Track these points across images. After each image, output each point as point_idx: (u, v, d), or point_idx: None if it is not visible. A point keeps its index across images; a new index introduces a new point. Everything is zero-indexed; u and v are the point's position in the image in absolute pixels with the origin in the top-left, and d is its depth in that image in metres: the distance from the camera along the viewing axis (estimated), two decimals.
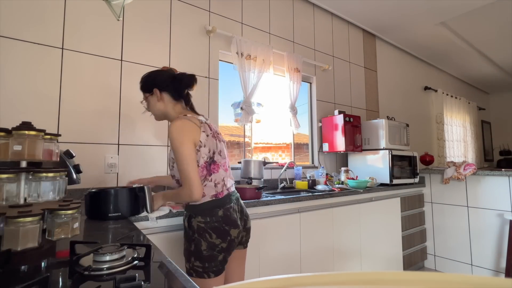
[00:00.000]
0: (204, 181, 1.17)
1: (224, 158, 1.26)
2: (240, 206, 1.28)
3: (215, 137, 1.24)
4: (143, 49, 1.87)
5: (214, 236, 1.13)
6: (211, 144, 1.19)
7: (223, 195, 1.19)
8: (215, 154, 1.20)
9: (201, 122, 1.20)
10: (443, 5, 2.99)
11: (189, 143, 1.12)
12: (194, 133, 1.15)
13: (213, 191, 1.17)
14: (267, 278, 0.23)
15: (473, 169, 2.61)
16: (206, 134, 1.18)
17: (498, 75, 5.34)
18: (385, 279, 0.22)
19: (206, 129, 1.20)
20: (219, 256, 1.13)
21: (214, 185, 1.18)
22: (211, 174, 1.18)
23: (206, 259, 1.11)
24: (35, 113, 1.49)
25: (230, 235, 1.16)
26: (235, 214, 1.20)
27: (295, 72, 2.59)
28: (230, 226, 1.16)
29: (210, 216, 1.14)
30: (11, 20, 1.46)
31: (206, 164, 1.17)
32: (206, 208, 1.15)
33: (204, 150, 1.16)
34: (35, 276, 0.59)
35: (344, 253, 2.11)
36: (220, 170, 1.21)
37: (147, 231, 1.25)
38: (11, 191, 0.71)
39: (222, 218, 1.15)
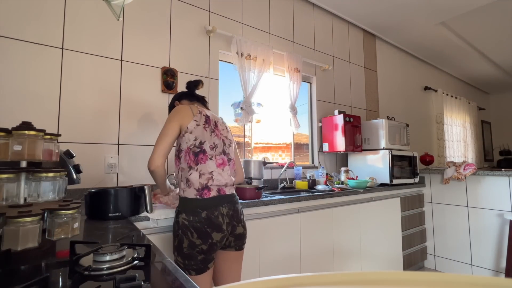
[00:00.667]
0: (190, 170, 1.19)
1: (220, 155, 1.27)
2: (233, 211, 1.25)
3: (211, 131, 1.27)
4: (143, 49, 1.87)
5: (195, 236, 1.14)
6: (200, 134, 1.23)
7: (209, 195, 1.19)
8: (203, 144, 1.22)
9: (199, 112, 1.26)
10: (443, 5, 2.99)
11: (174, 123, 1.21)
12: (184, 117, 1.22)
13: (197, 183, 1.18)
14: (267, 278, 0.23)
15: (473, 169, 2.61)
16: (197, 123, 1.23)
17: (498, 75, 5.34)
18: (385, 279, 0.22)
19: (199, 120, 1.24)
20: (199, 256, 1.14)
21: (199, 175, 1.19)
22: (198, 164, 1.20)
23: (186, 257, 1.14)
24: (35, 113, 1.49)
25: (211, 238, 1.16)
26: (220, 218, 1.18)
27: (295, 72, 2.59)
28: (212, 229, 1.16)
29: (193, 216, 1.15)
30: (11, 20, 1.46)
31: (190, 150, 1.20)
32: (190, 206, 1.17)
33: (189, 136, 1.21)
34: (35, 276, 0.59)
35: (344, 253, 2.11)
36: (208, 162, 1.22)
37: (147, 231, 1.25)
38: (11, 191, 0.71)
39: (204, 219, 1.15)
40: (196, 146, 1.21)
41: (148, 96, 1.87)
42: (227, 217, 1.22)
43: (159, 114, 1.91)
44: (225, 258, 1.28)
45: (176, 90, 1.97)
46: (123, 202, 1.20)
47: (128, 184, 1.70)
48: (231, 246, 1.27)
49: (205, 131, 1.24)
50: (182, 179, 1.22)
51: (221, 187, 1.24)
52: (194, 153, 1.21)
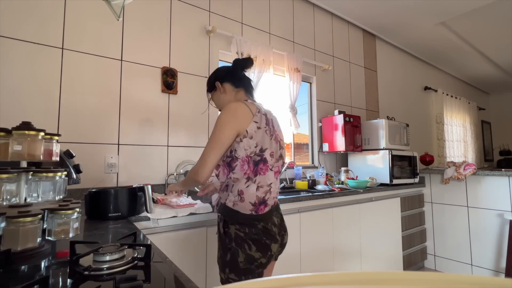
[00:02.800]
0: (247, 181, 1.04)
1: (277, 162, 1.13)
2: (280, 219, 1.16)
3: (271, 134, 1.10)
4: (143, 49, 1.87)
5: (254, 249, 1.01)
6: (261, 138, 1.06)
7: (264, 211, 1.06)
8: (264, 152, 1.06)
9: (258, 111, 1.09)
10: (443, 5, 2.99)
11: (231, 129, 1.02)
12: (243, 120, 1.04)
13: (254, 197, 1.04)
14: (267, 278, 0.23)
15: (473, 169, 2.61)
16: (257, 126, 1.06)
17: (498, 75, 5.34)
18: (385, 279, 0.22)
19: (260, 121, 1.07)
20: (257, 270, 1.01)
21: (256, 189, 1.05)
22: (257, 175, 1.05)
23: (242, 273, 1.00)
24: (35, 113, 1.49)
25: (271, 250, 1.04)
26: (274, 228, 1.08)
27: (295, 72, 2.59)
28: (271, 241, 1.05)
29: (249, 227, 1.02)
30: (11, 20, 1.46)
31: (250, 159, 1.04)
32: (245, 219, 1.03)
33: (249, 142, 1.03)
34: (35, 276, 0.59)
35: (344, 253, 2.11)
36: (268, 174, 1.08)
37: (147, 231, 1.25)
38: (11, 191, 0.71)
39: (262, 231, 1.03)
40: (256, 154, 1.05)
41: (148, 96, 1.87)
42: (277, 227, 1.11)
43: (159, 114, 1.91)
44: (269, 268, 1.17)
45: (176, 90, 1.97)
46: (123, 202, 1.20)
47: (128, 184, 1.70)
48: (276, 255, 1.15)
49: (265, 135, 1.07)
50: (232, 190, 1.06)
51: (275, 198, 1.13)
52: (254, 162, 1.05)
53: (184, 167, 1.91)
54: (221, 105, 1.22)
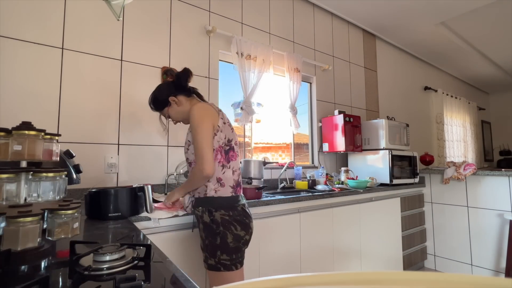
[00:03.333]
0: (223, 168, 1.20)
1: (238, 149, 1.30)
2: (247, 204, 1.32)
3: (231, 127, 1.29)
4: (143, 49, 1.87)
5: (239, 228, 1.17)
6: (228, 132, 1.24)
7: (240, 192, 1.26)
8: (231, 141, 1.25)
9: (219, 110, 1.27)
10: (443, 5, 2.99)
11: (208, 123, 1.17)
12: (213, 116, 1.21)
13: (231, 180, 1.21)
14: (267, 278, 0.23)
15: (473, 169, 2.61)
16: (223, 121, 1.24)
17: (498, 75, 5.34)
18: (385, 279, 0.22)
19: (223, 117, 1.26)
20: (243, 248, 1.19)
21: (232, 172, 1.22)
22: (230, 161, 1.22)
23: (233, 251, 1.15)
24: (35, 113, 1.49)
25: (251, 228, 1.22)
26: (247, 209, 1.25)
27: (295, 72, 2.59)
28: (249, 220, 1.22)
29: (232, 210, 1.18)
30: (11, 20, 1.46)
31: (222, 149, 1.21)
32: (227, 202, 1.19)
33: (221, 135, 1.21)
34: (35, 276, 0.59)
35: (344, 253, 2.11)
36: (238, 159, 1.27)
37: (147, 231, 1.25)
38: (11, 191, 0.71)
39: (242, 212, 1.20)
40: (226, 144, 1.23)
41: (148, 96, 1.87)
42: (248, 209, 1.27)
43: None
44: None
45: None
46: (123, 202, 1.20)
47: (128, 184, 1.70)
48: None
49: (229, 128, 1.26)
50: (211, 180, 1.20)
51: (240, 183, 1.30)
52: (225, 151, 1.22)
53: (184, 167, 1.91)
54: (181, 116, 1.33)
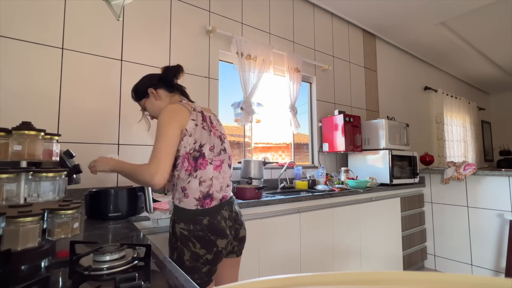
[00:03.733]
0: (188, 177, 1.04)
1: (218, 155, 1.12)
2: (235, 213, 1.15)
3: (209, 130, 1.12)
4: (143, 49, 1.87)
5: (198, 246, 1.01)
6: (200, 135, 1.07)
7: (210, 205, 1.06)
8: (203, 147, 1.07)
9: (193, 109, 1.10)
10: (443, 5, 2.99)
11: (175, 125, 1.03)
12: (182, 118, 1.05)
13: (197, 192, 1.04)
14: (267, 278, 0.23)
15: (473, 169, 2.61)
16: (195, 123, 1.07)
17: (498, 75, 5.34)
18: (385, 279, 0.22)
19: (197, 118, 1.09)
20: (203, 268, 1.01)
21: (199, 183, 1.05)
22: (197, 170, 1.05)
23: (188, 271, 0.99)
24: (35, 113, 1.49)
25: (216, 246, 1.03)
26: (223, 222, 1.06)
27: (295, 72, 2.59)
28: (216, 236, 1.03)
29: (194, 224, 1.02)
30: (11, 20, 1.46)
31: (189, 155, 1.05)
32: (189, 214, 1.03)
33: (189, 139, 1.04)
34: (35, 276, 0.59)
35: (344, 253, 2.11)
36: (208, 168, 1.07)
37: (147, 231, 1.25)
38: (11, 191, 0.71)
39: (207, 226, 1.02)
40: (196, 150, 1.06)
41: None
42: (230, 220, 1.10)
43: None
44: (226, 265, 1.16)
45: None
46: (123, 202, 1.20)
47: (128, 184, 1.70)
48: (234, 252, 1.16)
49: (204, 131, 1.09)
50: (177, 188, 1.07)
51: (223, 193, 1.12)
52: (194, 158, 1.05)
53: None
54: (157, 112, 1.18)
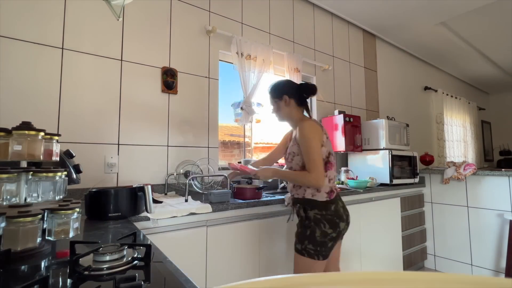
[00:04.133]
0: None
1: (335, 160, 1.48)
2: (343, 203, 1.47)
3: (330, 142, 1.47)
4: (143, 49, 1.87)
5: (328, 226, 1.35)
6: (329, 146, 1.44)
7: (333, 196, 1.41)
8: (330, 154, 1.44)
9: (321, 126, 1.45)
10: (443, 5, 2.99)
11: (318, 140, 1.38)
12: (320, 134, 1.40)
13: (328, 187, 1.40)
14: (267, 278, 0.23)
15: (473, 169, 2.61)
16: (326, 136, 1.43)
17: (498, 75, 5.34)
18: (385, 279, 0.22)
19: (326, 133, 1.45)
20: (329, 243, 1.35)
21: (329, 180, 1.41)
22: (327, 171, 1.41)
23: (318, 244, 1.34)
24: (35, 113, 1.49)
25: (339, 227, 1.37)
26: (341, 210, 1.41)
27: (295, 72, 2.59)
28: (339, 220, 1.38)
29: (325, 210, 1.37)
30: (11, 20, 1.46)
31: (323, 161, 1.39)
32: (321, 204, 1.38)
33: (323, 149, 1.40)
34: (35, 276, 0.59)
35: (344, 253, 2.10)
36: (332, 169, 1.44)
37: (147, 231, 1.25)
38: (11, 191, 0.71)
39: (334, 212, 1.37)
40: (326, 157, 1.41)
41: (148, 96, 1.87)
42: (343, 209, 1.43)
43: (159, 114, 1.91)
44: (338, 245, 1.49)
45: (176, 90, 1.97)
46: (123, 202, 1.20)
47: (128, 184, 1.70)
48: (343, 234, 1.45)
49: (329, 143, 1.45)
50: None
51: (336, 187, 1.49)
52: (325, 163, 1.40)
53: (184, 167, 1.91)
54: (284, 116, 1.52)
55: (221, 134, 2.29)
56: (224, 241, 1.51)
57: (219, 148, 2.24)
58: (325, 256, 1.35)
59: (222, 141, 2.34)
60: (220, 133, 2.26)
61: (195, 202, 1.56)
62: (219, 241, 1.49)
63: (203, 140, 2.09)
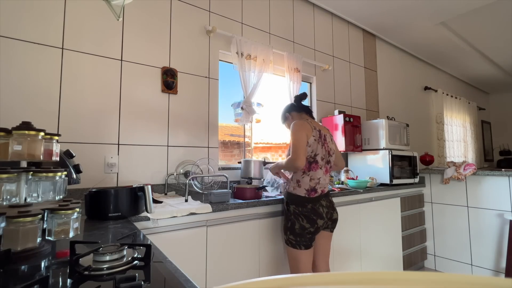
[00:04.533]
0: (303, 174, 1.56)
1: (326, 164, 1.61)
2: (329, 202, 1.63)
3: (322, 144, 1.59)
4: (143, 49, 1.87)
5: (305, 221, 1.52)
6: (315, 147, 1.55)
7: (313, 195, 1.55)
8: (317, 156, 1.56)
9: (314, 128, 1.59)
10: (443, 5, 2.99)
11: (303, 133, 1.53)
12: (307, 131, 1.55)
13: (307, 185, 1.55)
14: (267, 278, 0.23)
15: (473, 169, 2.61)
16: (314, 138, 1.56)
17: (498, 75, 5.34)
18: (385, 279, 0.22)
19: (315, 134, 1.57)
20: (308, 236, 1.52)
21: (309, 180, 1.55)
22: (310, 171, 1.55)
23: (297, 235, 1.52)
24: (35, 113, 1.49)
25: (317, 223, 1.54)
26: (321, 209, 1.56)
27: (295, 72, 2.59)
28: (317, 217, 1.54)
29: (302, 207, 1.54)
30: (11, 20, 1.46)
31: (306, 160, 1.53)
32: (300, 201, 1.55)
33: (308, 149, 1.54)
34: (35, 276, 0.59)
35: (344, 253, 2.11)
36: (318, 171, 1.57)
37: (147, 231, 1.25)
38: (11, 191, 0.71)
39: (310, 210, 1.53)
40: (311, 157, 1.55)
41: (148, 96, 1.87)
42: (326, 208, 1.59)
43: (159, 114, 1.91)
44: (322, 236, 1.65)
45: (176, 90, 1.97)
46: (123, 202, 1.20)
47: (128, 184, 1.71)
48: (328, 228, 1.64)
49: (318, 145, 1.56)
50: (293, 179, 1.60)
51: (323, 188, 1.61)
52: (309, 162, 1.55)
53: (184, 167, 1.91)
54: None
55: (221, 134, 2.29)
56: (224, 241, 1.51)
57: (219, 148, 2.24)
58: (306, 246, 1.51)
59: (222, 141, 2.34)
60: (220, 133, 2.26)
61: (195, 202, 1.56)
62: (219, 241, 1.49)
63: (203, 140, 2.09)
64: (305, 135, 1.53)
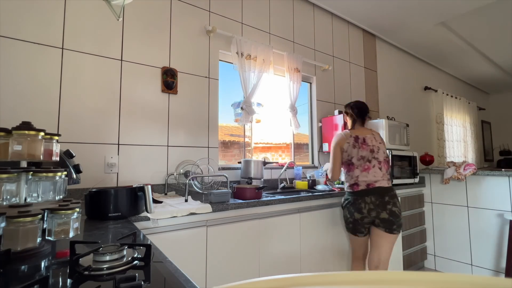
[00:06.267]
0: (346, 174, 1.87)
1: (366, 162, 1.81)
2: (379, 201, 1.75)
3: (359, 147, 1.82)
4: (143, 49, 1.87)
5: (347, 212, 1.84)
6: (351, 151, 1.83)
7: (357, 189, 1.79)
8: (353, 158, 1.82)
9: (350, 136, 1.85)
10: (443, 5, 2.99)
11: (337, 146, 1.87)
12: (341, 142, 1.86)
13: (349, 182, 1.84)
14: (267, 278, 0.23)
15: (473, 169, 2.61)
16: (349, 144, 1.83)
17: (498, 75, 5.34)
18: (385, 279, 0.22)
19: (350, 141, 1.84)
20: (350, 224, 1.83)
21: (350, 178, 1.84)
22: (349, 171, 1.85)
23: (346, 222, 1.88)
24: (35, 113, 1.49)
25: (354, 216, 1.79)
26: (363, 204, 1.76)
27: (295, 72, 2.59)
28: (354, 210, 1.78)
29: (346, 200, 1.85)
30: (11, 20, 1.46)
31: (345, 163, 1.86)
32: (347, 193, 1.87)
33: (345, 154, 1.85)
34: (35, 276, 0.59)
35: (344, 253, 2.11)
36: (355, 170, 1.81)
37: (147, 231, 1.25)
38: (11, 191, 0.71)
39: (351, 203, 1.80)
40: (348, 160, 1.84)
41: (148, 96, 1.87)
42: (371, 205, 1.75)
43: (159, 114, 1.91)
44: (376, 233, 1.79)
45: (176, 90, 1.97)
46: (123, 202, 1.20)
47: (128, 184, 1.71)
48: (380, 226, 1.76)
49: (353, 149, 1.82)
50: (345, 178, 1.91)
51: (370, 182, 1.78)
52: (347, 164, 1.85)
53: (184, 167, 1.91)
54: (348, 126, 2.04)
55: (221, 134, 2.29)
56: (224, 241, 1.51)
57: (219, 148, 2.24)
58: (353, 231, 1.82)
59: (222, 141, 2.34)
60: (220, 133, 2.27)
61: (195, 202, 1.56)
62: (219, 241, 1.49)
63: (203, 140, 2.09)
64: (338, 148, 1.86)
